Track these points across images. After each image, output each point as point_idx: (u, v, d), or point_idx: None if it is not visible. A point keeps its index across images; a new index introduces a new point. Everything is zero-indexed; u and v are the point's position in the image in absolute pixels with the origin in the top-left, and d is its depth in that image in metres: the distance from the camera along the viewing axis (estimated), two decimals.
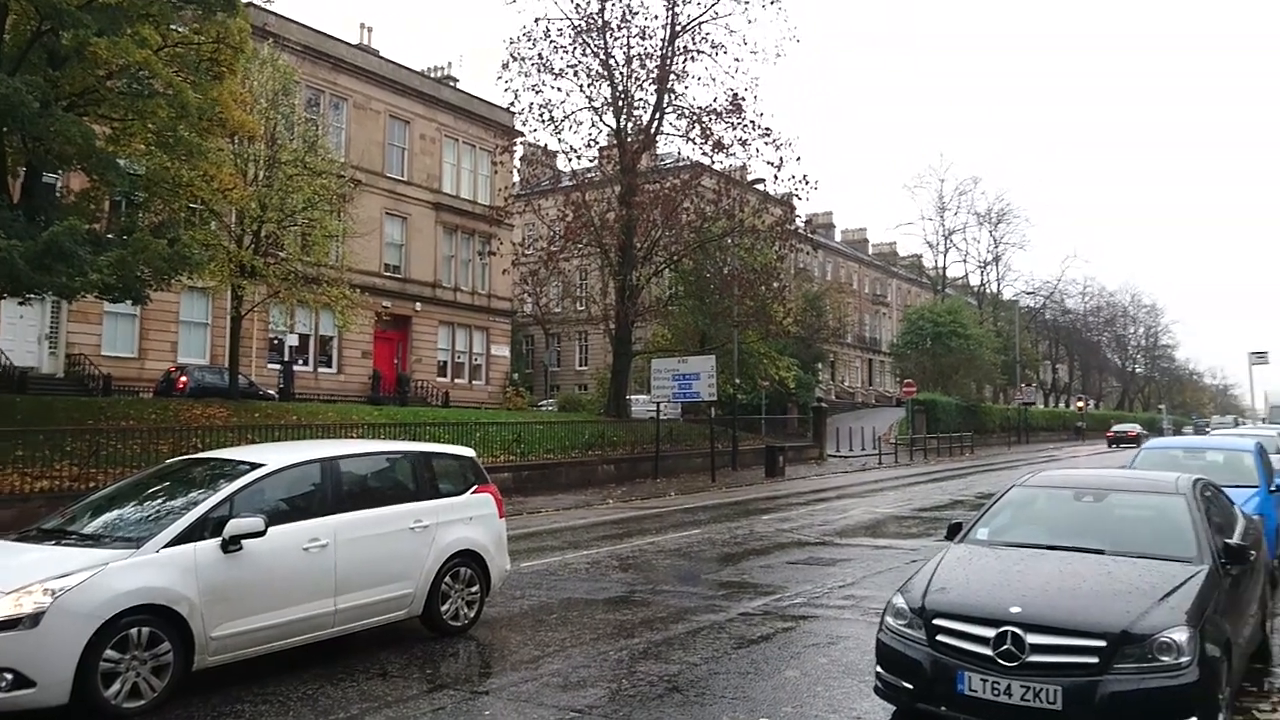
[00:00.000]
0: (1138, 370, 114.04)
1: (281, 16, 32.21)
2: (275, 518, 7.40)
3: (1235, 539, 6.95)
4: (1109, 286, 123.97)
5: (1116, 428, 63.12)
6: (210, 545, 6.93)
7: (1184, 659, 5.21)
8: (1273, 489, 12.00)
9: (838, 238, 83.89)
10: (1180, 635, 5.27)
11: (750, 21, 33.59)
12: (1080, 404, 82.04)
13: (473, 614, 8.97)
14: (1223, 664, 5.52)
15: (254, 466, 7.65)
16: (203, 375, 26.62)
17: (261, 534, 7.12)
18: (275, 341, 32.01)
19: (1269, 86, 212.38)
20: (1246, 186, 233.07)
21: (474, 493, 9.27)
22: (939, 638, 5.74)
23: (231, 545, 6.98)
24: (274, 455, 8.06)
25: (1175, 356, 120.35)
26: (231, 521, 7.01)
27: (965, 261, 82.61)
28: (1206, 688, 5.26)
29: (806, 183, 31.78)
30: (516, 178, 40.90)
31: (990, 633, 5.53)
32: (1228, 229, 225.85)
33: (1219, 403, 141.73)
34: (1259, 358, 79.61)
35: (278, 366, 30.81)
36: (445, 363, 39.15)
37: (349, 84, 35.22)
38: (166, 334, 29.13)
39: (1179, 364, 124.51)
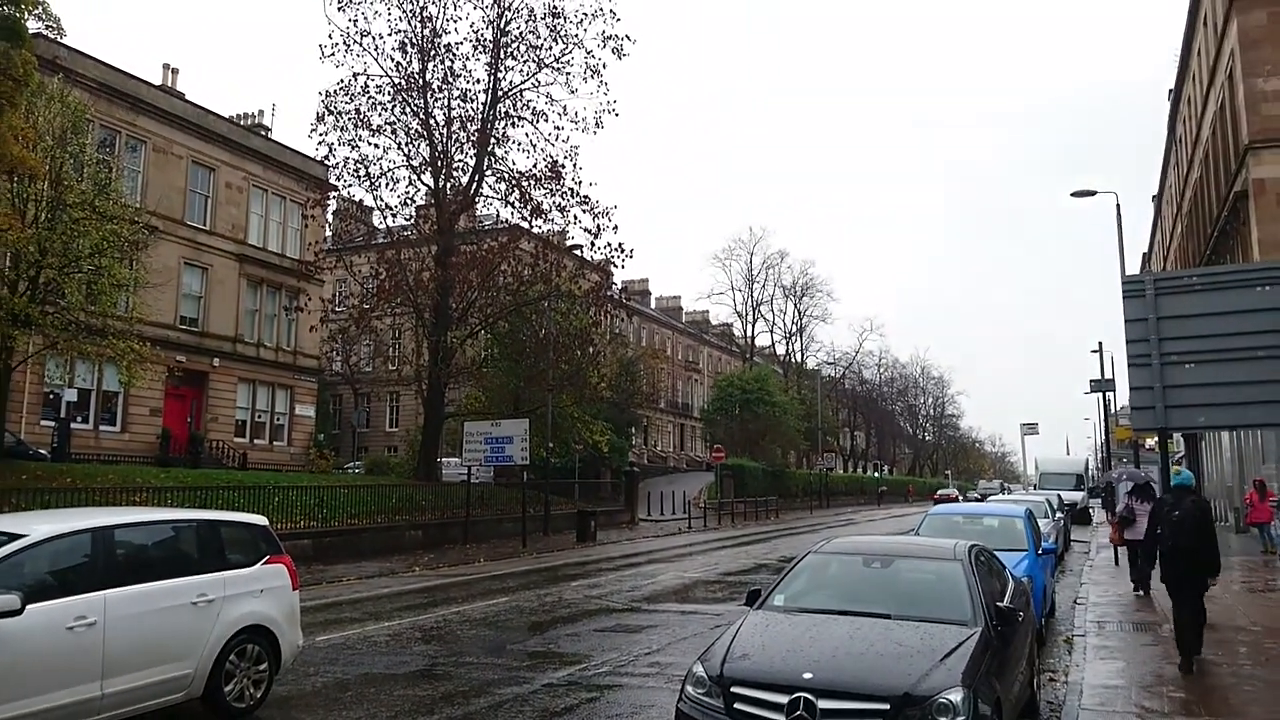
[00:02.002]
0: (927, 438, 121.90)
1: (75, 50, 30.31)
2: (36, 594, 6.78)
3: (1005, 601, 7.47)
4: (901, 358, 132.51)
5: (941, 492, 70.63)
6: None
7: (960, 719, 5.52)
8: (1040, 552, 13.03)
9: (653, 304, 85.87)
10: (955, 696, 5.59)
11: (572, 92, 34.03)
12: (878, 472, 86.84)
13: (260, 694, 8.43)
14: None
15: (12, 537, 6.97)
16: None
17: (18, 612, 6.49)
18: (51, 396, 29.46)
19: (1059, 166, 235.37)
20: (1021, 265, 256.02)
21: (265, 564, 8.78)
22: (736, 705, 5.85)
23: None
24: (38, 524, 7.37)
25: (960, 425, 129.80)
26: None
27: (772, 331, 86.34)
28: None
29: (623, 250, 32.40)
30: (329, 232, 39.72)
31: (784, 699, 5.68)
32: (1008, 304, 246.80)
33: (998, 469, 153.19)
34: (1030, 428, 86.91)
35: (53, 424, 28.31)
36: (244, 422, 37.08)
37: (149, 126, 33.38)
38: None
39: (963, 432, 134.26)
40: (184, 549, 8.29)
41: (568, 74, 32.29)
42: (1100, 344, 43.06)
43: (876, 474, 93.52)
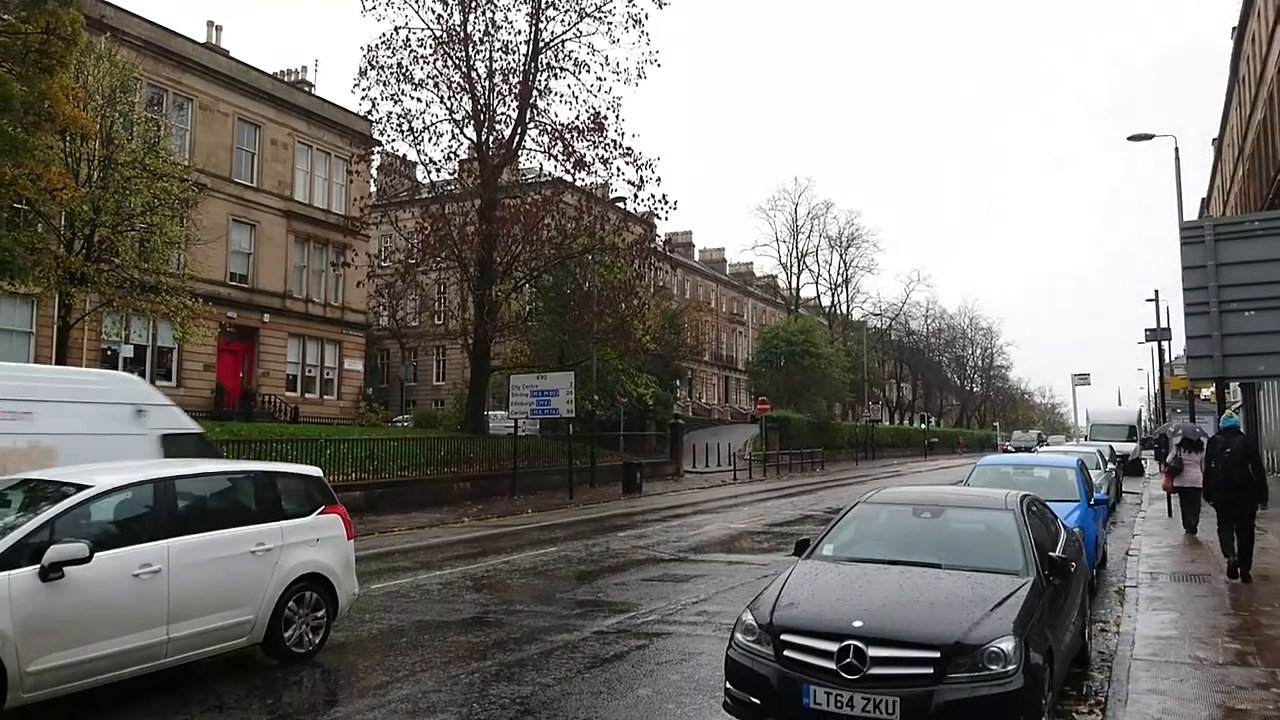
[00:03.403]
0: (975, 389, 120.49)
1: (121, 9, 30.53)
2: (103, 542, 6.99)
3: (1057, 552, 7.41)
4: (949, 309, 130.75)
5: (1008, 444, 75.60)
6: (27, 574, 6.48)
7: (1010, 667, 5.51)
8: (1092, 503, 12.88)
9: (696, 257, 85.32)
10: (1007, 644, 5.58)
11: (614, 42, 33.76)
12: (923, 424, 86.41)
13: (318, 639, 8.66)
14: (1045, 671, 5.86)
15: (80, 488, 7.18)
16: None
17: (86, 560, 6.70)
18: (108, 353, 30.14)
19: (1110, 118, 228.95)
20: (1072, 215, 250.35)
21: (321, 513, 8.96)
22: (786, 653, 5.88)
23: (52, 573, 6.54)
24: (103, 476, 7.58)
25: (1009, 376, 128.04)
26: (52, 548, 6.56)
27: (817, 283, 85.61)
28: (1031, 694, 5.58)
29: (666, 202, 32.23)
30: (373, 188, 39.92)
31: (834, 647, 5.71)
32: (1060, 254, 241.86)
33: (1047, 420, 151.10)
34: (1081, 379, 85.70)
35: None
36: (295, 376, 37.70)
37: (195, 84, 33.63)
38: None
39: (1012, 384, 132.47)
40: (242, 499, 8.50)
41: (609, 24, 31.98)
42: (1156, 292, 42.27)
43: (924, 426, 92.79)
